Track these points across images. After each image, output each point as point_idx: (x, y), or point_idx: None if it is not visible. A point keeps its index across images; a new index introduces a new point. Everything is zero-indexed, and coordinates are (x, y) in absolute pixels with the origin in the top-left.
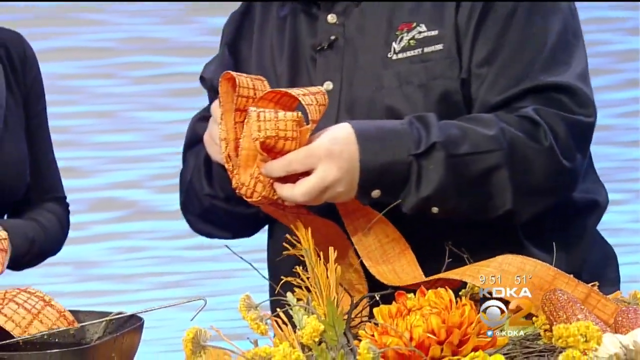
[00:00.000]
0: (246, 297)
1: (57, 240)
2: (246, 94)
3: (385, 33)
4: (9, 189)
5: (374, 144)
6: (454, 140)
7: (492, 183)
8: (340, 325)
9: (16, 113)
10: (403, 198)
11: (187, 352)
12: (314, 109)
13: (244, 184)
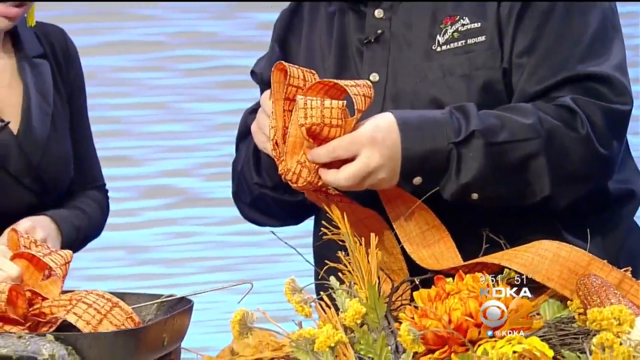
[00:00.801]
0: (291, 281)
1: (99, 226)
2: (296, 84)
3: (430, 26)
4: (55, 185)
5: (415, 132)
6: (492, 129)
7: (530, 170)
8: (381, 308)
9: (62, 110)
10: (443, 185)
11: (234, 334)
12: (360, 100)
13: (290, 169)
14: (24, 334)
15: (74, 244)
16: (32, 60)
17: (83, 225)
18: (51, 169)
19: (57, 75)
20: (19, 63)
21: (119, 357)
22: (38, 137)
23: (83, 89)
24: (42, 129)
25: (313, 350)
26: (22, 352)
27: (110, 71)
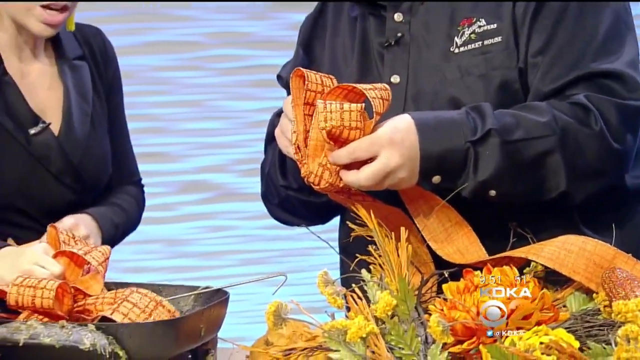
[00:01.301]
0: (324, 274)
1: (136, 220)
2: (314, 89)
3: (448, 28)
4: (95, 183)
5: (433, 132)
6: (508, 127)
7: (546, 166)
8: (411, 300)
9: (100, 110)
10: (462, 183)
11: (269, 324)
12: (379, 102)
13: (312, 172)
14: (67, 324)
15: (113, 240)
16: (72, 63)
17: (121, 221)
18: (91, 168)
19: (96, 76)
20: (59, 66)
21: (158, 347)
22: (78, 137)
23: (120, 87)
24: (82, 129)
25: (345, 341)
26: (64, 342)
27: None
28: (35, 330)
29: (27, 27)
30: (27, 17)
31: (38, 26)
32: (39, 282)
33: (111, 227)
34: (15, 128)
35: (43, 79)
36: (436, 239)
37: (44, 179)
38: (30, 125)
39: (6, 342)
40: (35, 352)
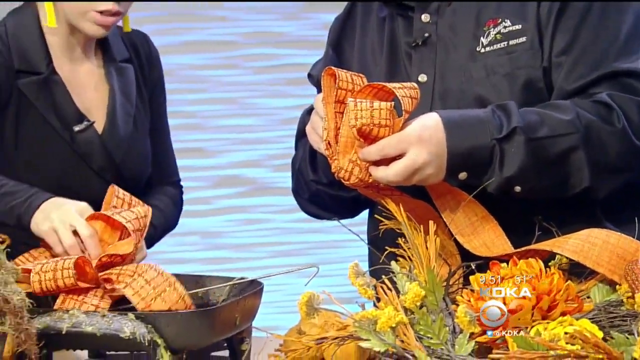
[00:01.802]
0: (355, 265)
1: (173, 220)
2: (345, 87)
3: (474, 29)
4: (135, 181)
5: (460, 130)
6: (533, 125)
7: (570, 163)
8: (439, 291)
9: (143, 111)
10: (487, 179)
11: (302, 314)
12: (407, 101)
13: (343, 168)
14: (108, 313)
15: (152, 240)
16: (118, 65)
17: (159, 222)
18: (131, 166)
19: (140, 78)
20: (106, 67)
21: (195, 335)
22: (121, 136)
23: (163, 90)
24: (124, 128)
25: (375, 330)
26: (105, 330)
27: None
28: (78, 319)
29: (81, 29)
30: (81, 19)
31: (92, 27)
32: (56, 264)
33: (150, 228)
34: (60, 125)
35: (90, 79)
36: (463, 233)
37: (86, 175)
38: (76, 123)
39: (50, 330)
40: (78, 339)
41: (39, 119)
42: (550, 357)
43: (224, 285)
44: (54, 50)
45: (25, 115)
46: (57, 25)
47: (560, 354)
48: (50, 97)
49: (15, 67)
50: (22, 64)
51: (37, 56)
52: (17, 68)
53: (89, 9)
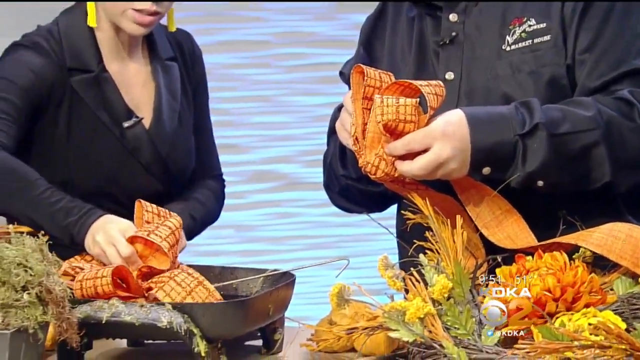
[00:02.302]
0: (384, 258)
1: (214, 212)
2: (373, 84)
3: (500, 28)
4: (180, 174)
5: (484, 126)
6: (555, 122)
7: (592, 158)
8: (466, 283)
9: (187, 107)
10: (510, 174)
11: (332, 305)
12: (433, 98)
13: (369, 162)
14: (145, 304)
15: (193, 231)
16: (164, 63)
17: (199, 215)
18: (177, 161)
19: (185, 75)
20: (152, 65)
21: (230, 325)
22: (167, 132)
23: (205, 87)
24: (170, 124)
25: (404, 321)
26: (143, 320)
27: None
28: (117, 308)
29: (122, 27)
30: (120, 17)
31: (131, 26)
32: (97, 273)
33: (191, 220)
34: (110, 121)
35: (138, 77)
36: (487, 226)
37: (134, 169)
38: (124, 119)
39: (90, 320)
40: (117, 328)
41: (90, 115)
42: (574, 347)
43: (257, 277)
44: (104, 48)
45: (77, 111)
46: (98, 25)
47: (584, 344)
48: (100, 94)
49: (67, 65)
50: (74, 62)
51: (88, 55)
52: (70, 66)
53: (127, 7)
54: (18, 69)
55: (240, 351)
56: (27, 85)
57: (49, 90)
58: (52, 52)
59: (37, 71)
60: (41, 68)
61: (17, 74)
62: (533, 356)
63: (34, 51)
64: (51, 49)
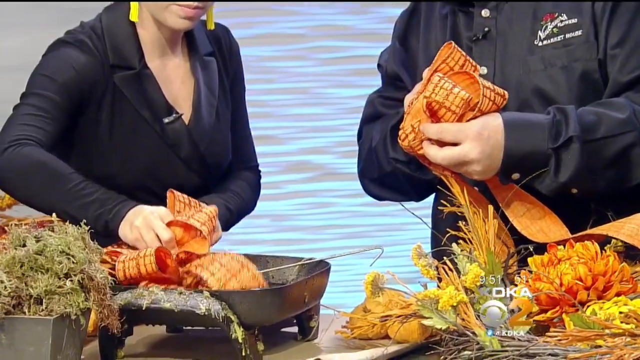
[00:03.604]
0: (418, 247)
1: (250, 203)
2: (452, 64)
3: (531, 23)
4: (217, 168)
5: (519, 133)
6: (590, 127)
7: (628, 160)
8: (498, 271)
9: (224, 101)
10: (542, 182)
11: (367, 293)
12: (487, 102)
13: (403, 127)
14: (184, 291)
15: (229, 222)
16: (203, 59)
17: (235, 206)
18: (214, 154)
19: (222, 70)
20: (191, 61)
21: (266, 312)
22: (205, 127)
23: (242, 80)
24: (208, 119)
25: (437, 309)
26: (182, 306)
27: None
28: (157, 296)
29: (165, 22)
30: (164, 13)
31: (175, 20)
32: (139, 253)
33: (226, 211)
34: (151, 117)
35: (177, 73)
36: (519, 220)
37: (174, 163)
38: (165, 115)
39: (131, 306)
40: (157, 315)
41: (132, 112)
42: (605, 335)
43: (293, 265)
44: (145, 45)
45: (119, 108)
46: (140, 21)
47: (615, 332)
48: (142, 90)
49: (110, 62)
50: (116, 59)
51: (130, 52)
52: (112, 63)
53: (170, 2)
54: (60, 67)
55: (276, 338)
56: (68, 83)
57: (91, 88)
58: (95, 49)
59: (79, 69)
60: (84, 66)
61: (59, 72)
62: (564, 344)
63: (77, 49)
64: (94, 47)
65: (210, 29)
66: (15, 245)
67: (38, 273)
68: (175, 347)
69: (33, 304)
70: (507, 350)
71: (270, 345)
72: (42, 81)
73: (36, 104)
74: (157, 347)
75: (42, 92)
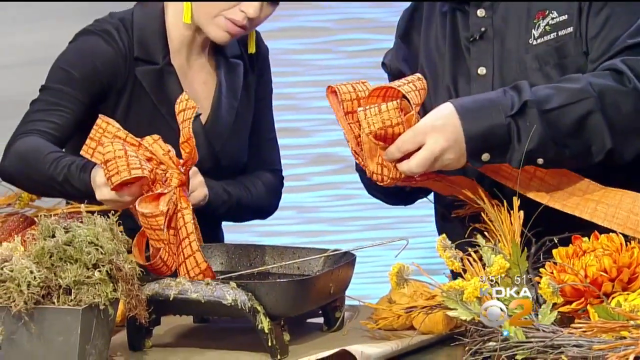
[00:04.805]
0: (443, 239)
1: (260, 201)
2: (349, 98)
3: (526, 21)
4: (230, 170)
5: (474, 113)
6: (545, 98)
7: (588, 128)
8: (523, 263)
9: (246, 103)
10: (510, 156)
11: (392, 284)
12: (414, 95)
13: (374, 171)
14: (211, 281)
15: (224, 206)
16: (229, 61)
17: (236, 194)
18: (229, 156)
19: (249, 72)
20: (216, 63)
21: (292, 303)
22: (223, 128)
23: (268, 83)
24: (227, 120)
25: (462, 300)
26: (209, 297)
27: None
28: (184, 286)
29: (207, 32)
30: (210, 22)
31: (217, 33)
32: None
33: (222, 191)
34: (168, 113)
35: (201, 72)
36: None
37: None
38: None
39: (158, 297)
40: (184, 305)
41: (150, 106)
42: (630, 326)
43: (319, 256)
44: (173, 44)
45: (137, 100)
46: (177, 22)
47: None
48: (162, 86)
49: (134, 55)
50: (141, 52)
51: (156, 47)
52: (136, 55)
53: (219, 13)
54: (80, 59)
55: (302, 328)
56: (86, 76)
57: (110, 79)
58: (120, 40)
59: (99, 61)
60: (104, 58)
61: (78, 65)
62: (589, 335)
63: (101, 39)
64: (119, 38)
65: (250, 52)
66: (45, 236)
67: (67, 263)
68: (202, 337)
69: (62, 294)
70: (531, 342)
71: (296, 335)
72: (60, 75)
73: (50, 99)
74: (184, 337)
75: (58, 86)
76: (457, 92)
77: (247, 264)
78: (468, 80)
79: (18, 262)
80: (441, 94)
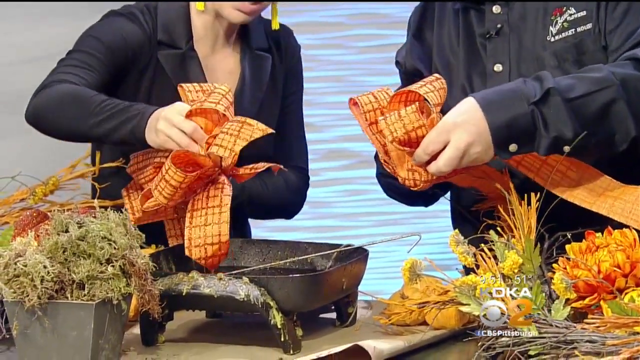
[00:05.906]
0: (455, 234)
1: (276, 199)
2: (371, 108)
3: (543, 18)
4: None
5: (496, 104)
6: (568, 87)
7: (612, 116)
8: (536, 259)
9: (273, 97)
10: (537, 143)
11: (405, 279)
12: (434, 95)
13: (405, 177)
14: (224, 276)
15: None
16: (255, 53)
17: (252, 189)
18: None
19: (278, 68)
20: (242, 54)
21: (305, 298)
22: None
23: (299, 80)
24: (250, 111)
25: (475, 296)
26: (222, 292)
27: None
28: (197, 281)
29: (223, 14)
30: (223, 4)
31: (231, 12)
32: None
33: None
34: None
35: (225, 63)
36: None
37: None
38: None
39: (171, 292)
40: (196, 300)
41: (171, 89)
42: None
43: (331, 251)
44: (197, 31)
45: (159, 83)
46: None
47: None
48: (184, 71)
49: (157, 38)
50: (164, 36)
51: (180, 32)
52: (160, 39)
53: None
54: (109, 30)
55: (314, 323)
56: (114, 45)
57: (135, 55)
58: (145, 23)
59: (126, 35)
60: (131, 33)
61: (107, 34)
62: (602, 330)
63: (127, 18)
64: (144, 21)
65: (274, 29)
66: (58, 231)
67: (80, 258)
68: (215, 332)
69: (75, 289)
70: (544, 337)
71: (309, 330)
72: (89, 40)
73: (79, 58)
74: (197, 332)
75: (87, 49)
76: (472, 90)
77: (259, 259)
78: (483, 78)
79: (32, 257)
80: (456, 92)
